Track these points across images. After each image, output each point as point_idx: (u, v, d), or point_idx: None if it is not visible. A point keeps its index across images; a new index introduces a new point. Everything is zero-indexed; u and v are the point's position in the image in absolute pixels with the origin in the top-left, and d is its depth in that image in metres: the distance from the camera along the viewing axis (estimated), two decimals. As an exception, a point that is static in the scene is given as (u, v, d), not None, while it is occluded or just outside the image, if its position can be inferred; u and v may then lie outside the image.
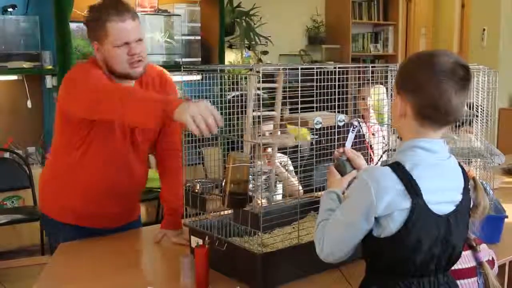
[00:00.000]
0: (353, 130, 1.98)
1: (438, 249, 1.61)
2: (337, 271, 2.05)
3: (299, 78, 2.03)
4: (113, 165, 2.43)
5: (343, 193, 1.80)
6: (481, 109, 2.74)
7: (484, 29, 7.40)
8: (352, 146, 2.05)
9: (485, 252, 2.03)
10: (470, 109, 2.89)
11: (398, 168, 1.57)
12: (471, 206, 1.95)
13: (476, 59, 7.33)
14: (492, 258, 2.08)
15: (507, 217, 2.46)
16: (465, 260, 1.95)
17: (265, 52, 6.50)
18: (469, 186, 1.98)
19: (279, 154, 2.54)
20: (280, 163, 3.10)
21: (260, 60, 6.45)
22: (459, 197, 1.66)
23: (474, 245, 2.00)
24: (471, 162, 2.77)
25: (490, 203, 2.49)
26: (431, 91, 1.57)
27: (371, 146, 3.45)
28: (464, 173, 1.71)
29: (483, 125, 2.77)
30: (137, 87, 2.41)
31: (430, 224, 1.57)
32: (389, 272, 1.63)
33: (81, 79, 2.26)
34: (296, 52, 7.06)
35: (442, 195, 1.61)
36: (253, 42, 6.28)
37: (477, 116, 2.75)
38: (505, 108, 7.21)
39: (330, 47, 7.36)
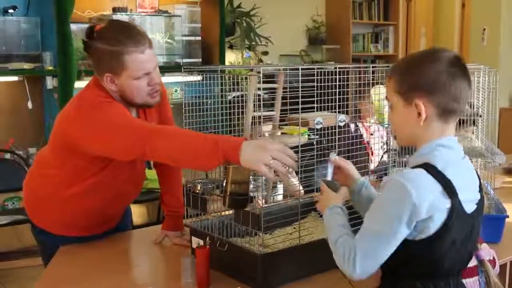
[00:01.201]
0: (330, 165, 1.93)
1: (465, 247, 1.62)
2: (338, 271, 2.05)
3: (300, 78, 2.03)
4: (114, 188, 2.34)
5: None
6: (482, 109, 2.74)
7: (484, 29, 7.40)
8: (350, 146, 2.04)
9: (486, 251, 2.03)
10: (472, 108, 2.89)
11: (431, 169, 1.54)
12: None
13: (476, 59, 7.35)
14: (493, 257, 2.08)
15: (508, 216, 2.45)
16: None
17: (265, 53, 6.50)
18: None
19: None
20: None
21: (260, 60, 6.46)
22: (478, 195, 1.66)
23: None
24: (472, 161, 2.77)
25: (491, 203, 2.51)
26: (449, 85, 1.56)
27: (369, 146, 3.46)
28: (476, 171, 1.71)
29: (483, 125, 2.77)
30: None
31: (463, 222, 1.57)
32: (418, 275, 1.60)
33: (110, 122, 2.05)
34: (297, 53, 7.06)
35: (469, 193, 1.62)
36: (254, 43, 6.28)
37: (480, 115, 2.75)
38: (505, 107, 7.21)
39: (330, 48, 7.36)
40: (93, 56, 2.17)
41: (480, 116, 2.70)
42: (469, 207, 1.60)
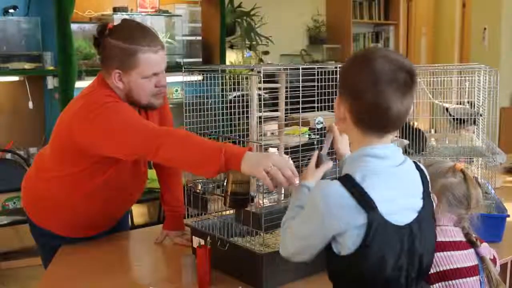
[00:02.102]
0: (329, 136, 1.92)
1: (405, 261, 1.50)
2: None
3: (300, 78, 2.03)
4: (118, 189, 2.34)
5: None
6: (482, 108, 2.75)
7: (485, 28, 7.39)
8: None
9: (487, 250, 2.03)
10: (472, 108, 2.89)
11: (348, 182, 1.46)
12: (463, 199, 1.96)
13: (477, 58, 7.34)
14: (494, 256, 2.08)
15: (508, 216, 2.45)
16: (467, 259, 1.94)
17: (266, 52, 6.50)
18: (459, 178, 1.99)
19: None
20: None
21: (261, 60, 6.45)
22: (419, 203, 1.56)
23: (475, 240, 2.00)
24: (473, 161, 2.77)
25: (492, 202, 2.51)
26: (368, 99, 1.46)
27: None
28: (423, 176, 1.61)
29: (484, 124, 2.77)
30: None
31: (391, 237, 1.47)
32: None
33: (123, 121, 2.06)
34: (297, 52, 7.06)
35: (400, 203, 1.51)
36: (254, 42, 6.28)
37: (481, 115, 2.75)
38: (506, 107, 7.20)
39: (331, 47, 7.36)
40: (103, 53, 2.17)
41: (481, 115, 2.71)
42: (402, 217, 1.50)
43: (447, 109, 2.79)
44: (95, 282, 2.11)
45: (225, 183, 1.98)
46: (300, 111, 2.05)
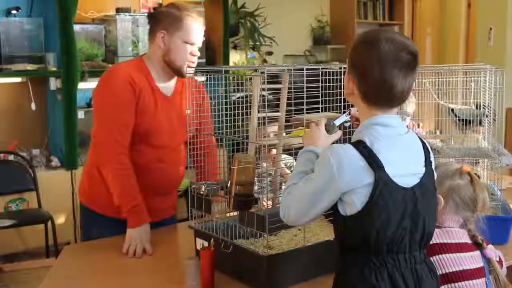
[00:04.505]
0: (347, 114, 1.95)
1: (408, 223, 1.60)
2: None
3: (304, 78, 2.01)
4: (163, 161, 2.53)
5: None
6: (488, 109, 2.72)
7: (490, 28, 7.36)
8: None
9: (493, 252, 2.01)
10: (478, 108, 2.86)
11: (359, 145, 1.59)
12: (470, 202, 1.96)
13: (482, 59, 7.30)
14: (500, 258, 2.06)
15: (515, 217, 2.43)
16: (473, 261, 1.93)
17: (269, 53, 6.48)
18: (465, 181, 1.99)
19: (284, 156, 2.52)
20: (285, 165, 3.08)
21: (264, 60, 6.44)
22: (422, 170, 1.66)
23: (480, 242, 1.98)
24: (478, 162, 2.74)
25: (498, 204, 2.48)
26: (374, 77, 1.60)
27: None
28: (425, 146, 1.72)
29: (490, 125, 2.74)
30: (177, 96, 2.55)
31: (396, 196, 1.58)
32: (362, 250, 1.61)
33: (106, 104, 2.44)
34: (301, 53, 7.04)
35: (404, 167, 1.62)
36: (258, 43, 6.26)
37: (487, 116, 2.73)
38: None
39: (335, 47, 7.34)
40: (154, 20, 2.48)
41: (487, 116, 2.68)
42: (406, 180, 1.61)
43: (452, 110, 2.77)
44: (97, 284, 2.10)
45: (229, 185, 1.97)
46: (305, 112, 2.03)
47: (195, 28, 2.45)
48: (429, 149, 1.74)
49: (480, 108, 2.80)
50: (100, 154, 2.46)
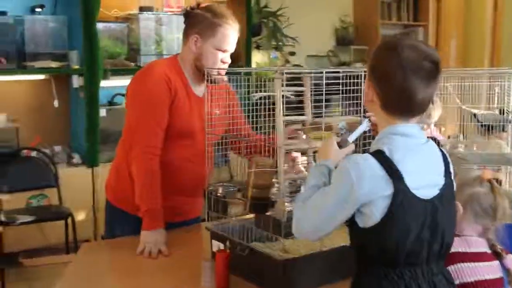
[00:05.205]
0: (362, 125, 1.90)
1: (427, 234, 1.59)
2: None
3: (324, 81, 1.98)
4: (194, 161, 2.49)
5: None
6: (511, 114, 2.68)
7: (515, 32, 7.28)
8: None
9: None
10: (502, 114, 2.82)
11: (378, 154, 1.57)
12: (490, 210, 1.92)
13: (508, 63, 7.21)
14: (519, 269, 2.01)
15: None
16: (492, 271, 1.89)
17: (292, 53, 6.45)
18: (486, 188, 1.95)
19: (304, 158, 2.50)
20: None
21: (287, 61, 6.41)
22: (441, 181, 1.64)
23: (500, 252, 1.94)
24: (500, 169, 2.70)
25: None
26: (395, 85, 1.57)
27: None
28: (445, 156, 1.69)
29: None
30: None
31: (415, 208, 1.56)
32: (380, 262, 1.59)
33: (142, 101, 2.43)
34: (324, 53, 7.00)
35: (424, 178, 1.60)
36: (280, 43, 6.24)
37: (510, 121, 2.69)
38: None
39: (358, 48, 7.27)
40: (189, 21, 2.47)
41: (510, 122, 2.64)
42: (425, 192, 1.59)
43: (475, 115, 2.73)
44: (112, 283, 2.11)
45: (246, 187, 1.96)
46: (324, 115, 2.01)
47: (230, 36, 2.44)
48: (449, 159, 1.71)
49: (504, 114, 2.76)
50: (130, 154, 2.44)
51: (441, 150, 1.70)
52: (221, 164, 4.30)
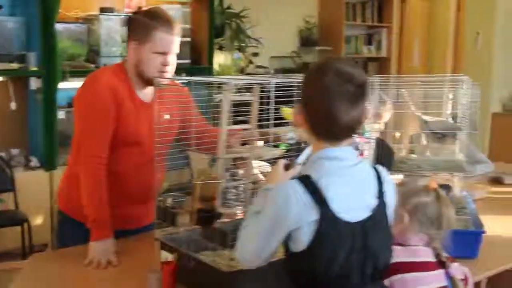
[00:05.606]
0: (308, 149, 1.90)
1: (358, 257, 1.58)
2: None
3: (273, 94, 1.97)
4: (144, 168, 2.45)
5: None
6: (464, 120, 2.71)
7: (478, 33, 7.37)
8: None
9: (458, 270, 2.00)
10: (454, 120, 2.85)
11: (305, 180, 1.56)
12: (435, 219, 1.94)
13: (470, 63, 7.32)
14: (466, 276, 2.04)
15: (485, 232, 2.41)
16: (436, 280, 1.91)
17: (255, 54, 6.45)
18: (431, 198, 1.97)
19: (262, 163, 2.50)
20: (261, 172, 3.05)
21: (250, 62, 6.41)
22: (374, 202, 1.63)
23: (445, 260, 1.96)
24: (454, 175, 2.74)
25: (469, 218, 2.48)
26: (320, 109, 1.58)
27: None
28: (379, 176, 1.68)
29: (466, 137, 2.73)
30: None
31: (342, 232, 1.56)
32: (311, 286, 1.59)
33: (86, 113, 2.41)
34: (288, 54, 7.01)
35: (352, 201, 1.60)
36: (243, 44, 6.23)
37: (460, 129, 2.71)
38: (498, 113, 7.14)
39: (322, 49, 7.30)
40: (129, 26, 2.46)
41: (460, 129, 2.67)
42: (355, 214, 1.58)
43: (426, 122, 2.75)
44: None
45: (191, 200, 1.95)
46: (271, 125, 2.01)
47: (167, 39, 2.39)
48: (384, 179, 1.70)
49: (456, 121, 2.79)
50: (78, 165, 2.41)
51: (375, 170, 1.70)
52: (182, 166, 4.27)
